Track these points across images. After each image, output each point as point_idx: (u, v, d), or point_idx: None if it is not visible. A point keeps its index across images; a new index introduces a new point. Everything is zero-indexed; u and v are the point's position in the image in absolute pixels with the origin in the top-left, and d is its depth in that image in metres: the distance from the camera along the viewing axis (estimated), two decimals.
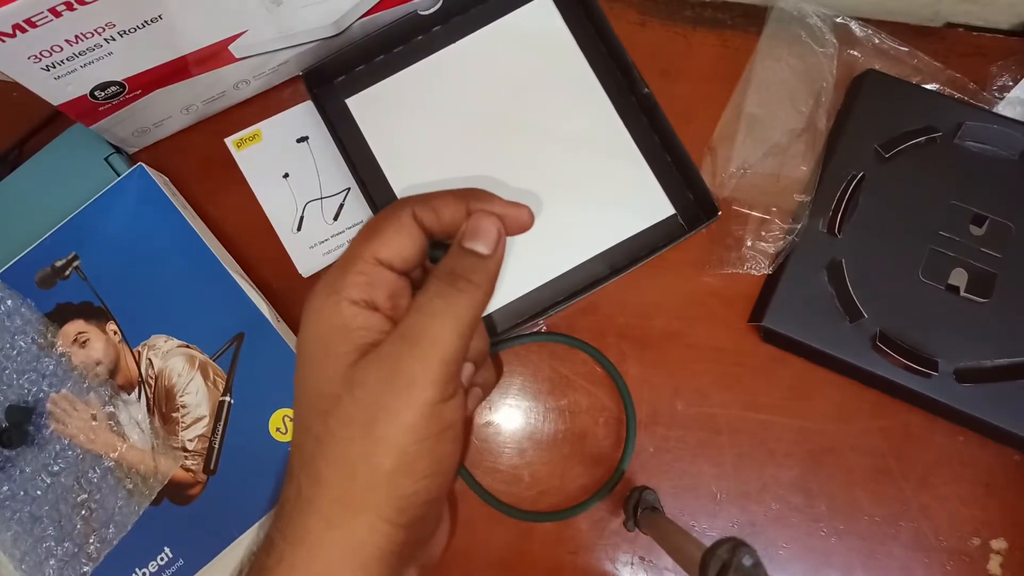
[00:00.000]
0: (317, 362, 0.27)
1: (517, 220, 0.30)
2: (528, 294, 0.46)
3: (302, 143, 0.49)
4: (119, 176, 0.47)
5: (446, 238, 0.30)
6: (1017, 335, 0.43)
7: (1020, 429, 0.42)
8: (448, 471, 0.27)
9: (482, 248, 0.28)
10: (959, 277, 0.44)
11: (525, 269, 0.46)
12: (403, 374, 0.25)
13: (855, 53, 0.49)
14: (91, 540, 0.43)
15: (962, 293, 0.44)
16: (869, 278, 0.45)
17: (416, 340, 0.26)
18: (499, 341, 0.46)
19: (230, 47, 0.43)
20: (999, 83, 0.49)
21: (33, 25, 0.33)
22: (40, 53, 0.35)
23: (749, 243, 0.46)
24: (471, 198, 0.29)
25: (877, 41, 0.49)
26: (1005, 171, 0.45)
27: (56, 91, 0.39)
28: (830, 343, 0.44)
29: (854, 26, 0.49)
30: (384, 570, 0.26)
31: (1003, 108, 0.48)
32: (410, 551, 0.28)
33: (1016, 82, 0.48)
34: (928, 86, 0.48)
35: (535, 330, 0.48)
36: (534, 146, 0.48)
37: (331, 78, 0.49)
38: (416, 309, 0.27)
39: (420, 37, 0.49)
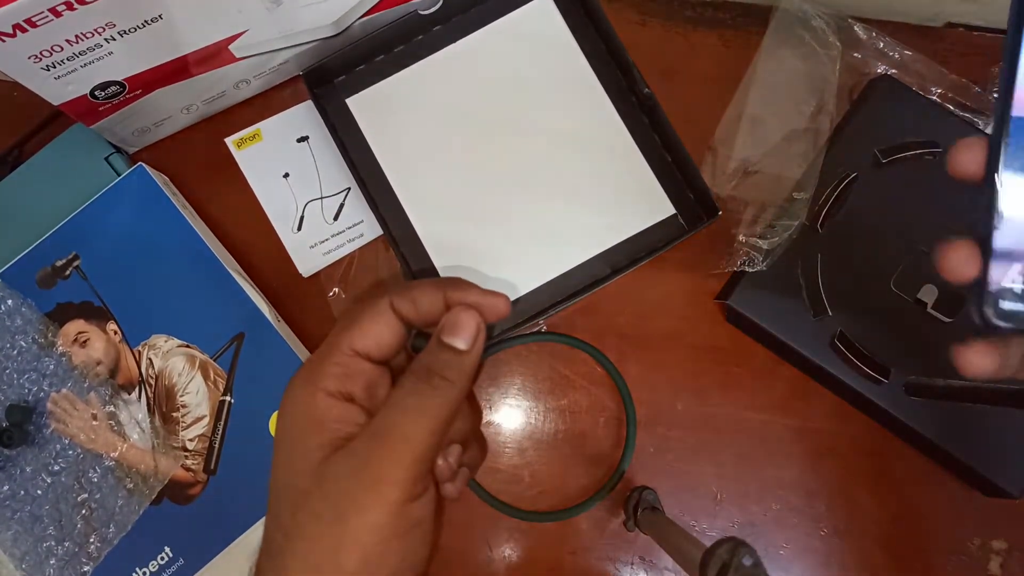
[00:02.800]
0: (290, 454, 0.27)
1: (494, 309, 0.30)
2: (528, 294, 0.46)
3: (302, 143, 0.49)
4: (119, 176, 0.47)
5: (425, 327, 0.30)
6: None
7: (957, 451, 0.43)
8: (416, 566, 0.27)
9: (460, 344, 0.28)
10: (929, 293, 0.45)
11: (525, 269, 0.46)
12: (371, 471, 0.25)
13: (858, 55, 0.49)
14: (91, 540, 0.43)
15: (929, 309, 0.44)
16: (841, 277, 0.45)
17: (386, 438, 0.26)
18: (499, 341, 0.46)
19: (230, 47, 0.43)
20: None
21: (33, 25, 0.33)
22: (40, 53, 0.35)
23: (742, 239, 0.46)
24: (448, 287, 0.29)
25: (881, 44, 0.49)
26: None
27: (56, 91, 0.39)
28: (790, 334, 0.45)
29: (858, 28, 0.49)
30: None
31: None
32: None
33: None
34: (932, 88, 0.48)
35: (535, 330, 0.48)
36: (534, 146, 0.48)
37: (331, 78, 0.49)
38: (390, 405, 0.27)
39: (420, 37, 0.49)
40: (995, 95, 0.27)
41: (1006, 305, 0.24)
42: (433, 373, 0.27)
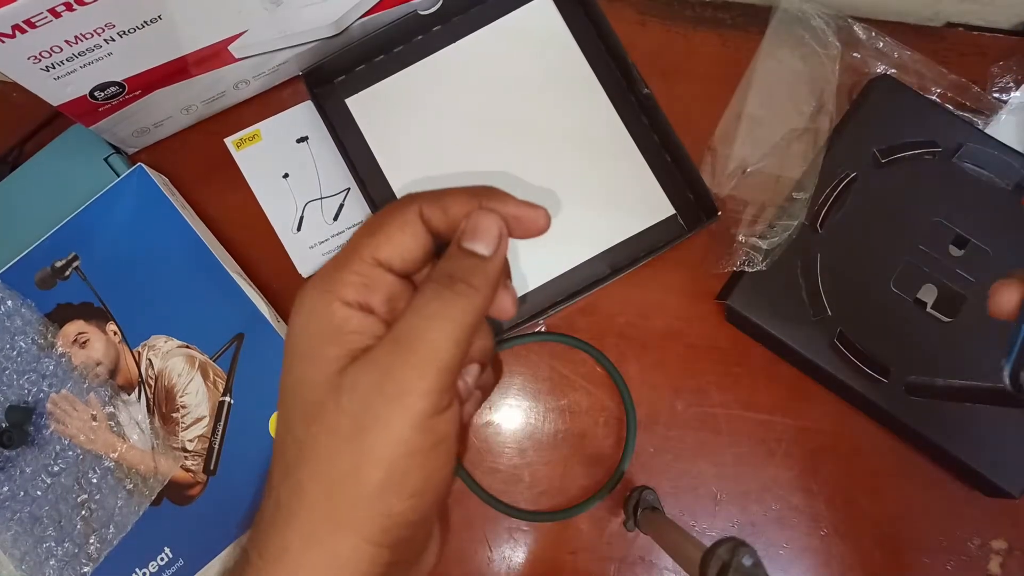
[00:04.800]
0: (304, 364, 0.25)
1: (533, 223, 0.27)
2: (528, 294, 0.46)
3: (302, 143, 0.49)
4: (119, 176, 0.47)
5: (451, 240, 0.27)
6: (973, 359, 0.43)
7: (957, 451, 0.43)
8: (438, 488, 0.26)
9: (481, 249, 0.26)
10: (928, 293, 0.45)
11: (525, 269, 0.46)
12: (395, 382, 0.23)
13: (858, 55, 0.49)
14: (91, 540, 0.43)
15: (928, 309, 0.44)
16: (840, 277, 0.45)
17: (411, 346, 0.24)
18: (499, 341, 0.46)
19: (230, 47, 0.43)
20: (1000, 84, 0.49)
21: (33, 26, 0.33)
22: (40, 54, 0.35)
23: (742, 239, 0.46)
24: (484, 196, 0.27)
25: (881, 44, 0.49)
26: (996, 199, 0.45)
27: (56, 91, 0.39)
28: (790, 334, 0.44)
29: (857, 28, 0.49)
30: None
31: (1006, 113, 0.48)
32: (396, 573, 0.26)
33: (1017, 83, 0.48)
34: (931, 88, 0.48)
35: (535, 330, 0.48)
36: (534, 146, 0.48)
37: (331, 78, 0.49)
38: (412, 312, 0.25)
39: (420, 37, 0.49)
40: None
41: None
42: (456, 279, 0.25)
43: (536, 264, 0.46)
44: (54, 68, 0.37)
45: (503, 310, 0.28)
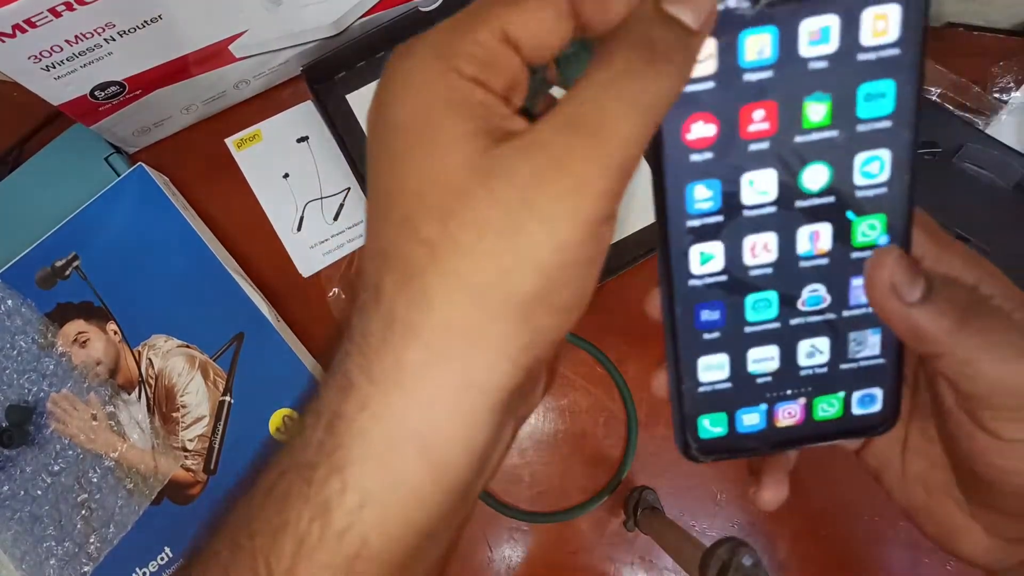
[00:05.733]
0: (428, 145, 0.20)
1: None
2: None
3: (302, 143, 0.49)
4: (119, 176, 0.47)
5: (601, 35, 0.21)
6: None
7: None
8: (584, 306, 0.21)
9: (690, 19, 0.20)
10: None
11: None
12: (572, 173, 0.19)
13: None
14: (91, 540, 0.43)
15: None
16: None
17: (595, 132, 0.19)
18: None
19: (230, 47, 0.43)
20: (1000, 84, 0.48)
21: (33, 25, 0.33)
22: (40, 53, 0.35)
23: None
24: None
25: None
26: (996, 199, 0.45)
27: (56, 91, 0.39)
28: None
29: None
30: (492, 424, 0.20)
31: (1006, 113, 0.48)
32: (516, 402, 0.22)
33: (1017, 83, 0.48)
34: (932, 88, 0.48)
35: None
36: None
37: (332, 74, 0.49)
38: (598, 88, 0.19)
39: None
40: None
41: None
42: (658, 53, 0.19)
43: None
44: (54, 68, 0.37)
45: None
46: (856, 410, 0.24)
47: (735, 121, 0.21)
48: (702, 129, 0.21)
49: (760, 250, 0.22)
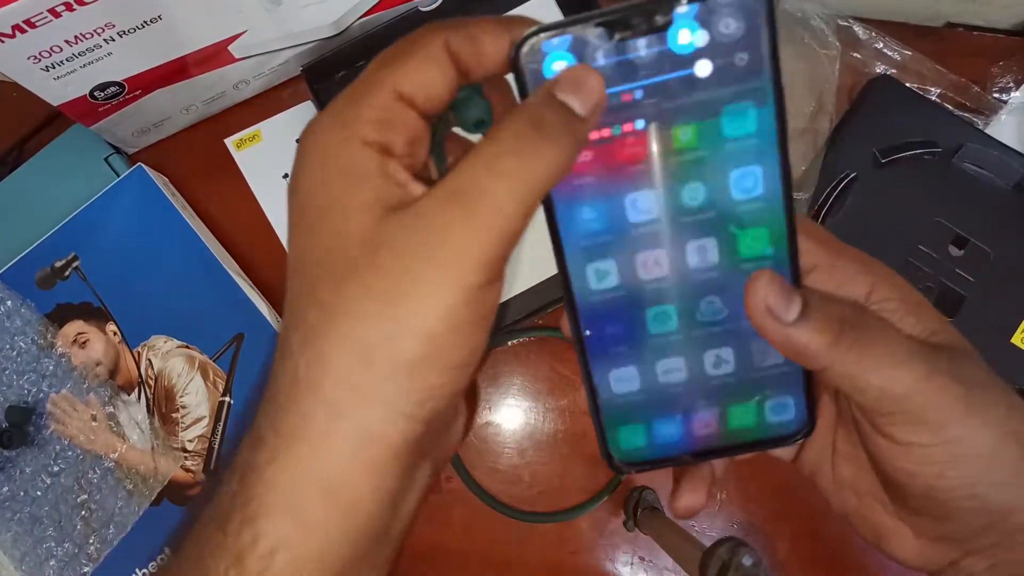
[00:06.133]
0: (327, 217, 0.21)
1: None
2: (525, 292, 0.46)
3: None
4: (119, 176, 0.47)
5: (482, 79, 0.23)
6: None
7: None
8: (477, 362, 0.22)
9: (578, 106, 0.21)
10: (928, 293, 0.45)
11: (524, 265, 0.46)
12: (450, 244, 0.20)
13: (858, 55, 0.49)
14: (91, 540, 0.43)
15: None
16: None
17: (474, 204, 0.20)
18: (497, 339, 0.46)
19: (230, 47, 0.43)
20: (1000, 84, 0.48)
21: (33, 26, 0.33)
22: (40, 53, 0.35)
23: None
24: (518, 27, 0.22)
25: (880, 45, 0.49)
26: (996, 199, 0.45)
27: (56, 91, 0.39)
28: None
29: (857, 28, 0.49)
30: (398, 469, 0.21)
31: (1006, 113, 0.48)
32: (426, 447, 0.23)
33: (1017, 83, 0.48)
34: (931, 88, 0.48)
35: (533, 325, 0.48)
36: None
37: (332, 74, 0.48)
38: (480, 162, 0.20)
39: None
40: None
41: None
42: (544, 132, 0.20)
43: (534, 262, 0.46)
44: (54, 68, 0.37)
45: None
46: (770, 418, 0.24)
47: (612, 145, 0.22)
48: (584, 154, 0.22)
49: (652, 265, 0.23)
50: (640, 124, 0.22)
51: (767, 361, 0.24)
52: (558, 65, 0.21)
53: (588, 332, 0.24)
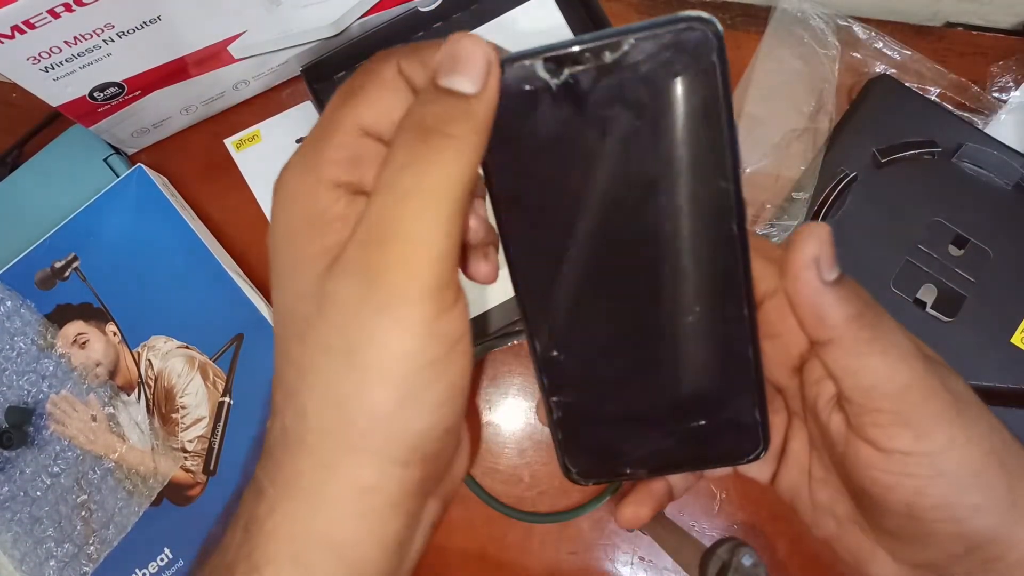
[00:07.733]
0: (286, 269, 0.21)
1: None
2: None
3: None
4: (118, 177, 0.47)
5: None
6: (973, 360, 0.43)
7: None
8: (463, 392, 0.21)
9: (463, 84, 0.19)
10: (928, 293, 0.44)
11: None
12: (383, 286, 0.19)
13: (857, 55, 0.49)
14: (91, 541, 0.43)
15: (928, 309, 0.44)
16: None
17: (388, 240, 0.19)
18: (496, 339, 0.46)
19: (229, 48, 0.43)
20: (999, 83, 0.48)
21: (32, 26, 0.33)
22: (39, 54, 0.35)
23: None
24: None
25: (880, 44, 0.49)
26: (996, 199, 0.45)
27: (55, 92, 0.39)
28: None
29: (857, 28, 0.49)
30: (400, 516, 0.21)
31: (1006, 112, 0.48)
32: (429, 487, 0.22)
33: (1017, 83, 0.48)
34: (931, 88, 0.48)
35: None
36: None
37: (332, 74, 0.48)
38: (380, 191, 0.19)
39: (421, 33, 0.49)
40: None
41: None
42: (430, 131, 0.19)
43: None
44: (53, 69, 0.37)
45: (481, 274, 0.24)
46: (723, 437, 0.25)
47: (559, 170, 0.22)
48: (532, 177, 0.22)
49: (602, 284, 0.23)
50: (584, 153, 0.21)
51: (720, 380, 0.24)
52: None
53: (540, 347, 0.24)
